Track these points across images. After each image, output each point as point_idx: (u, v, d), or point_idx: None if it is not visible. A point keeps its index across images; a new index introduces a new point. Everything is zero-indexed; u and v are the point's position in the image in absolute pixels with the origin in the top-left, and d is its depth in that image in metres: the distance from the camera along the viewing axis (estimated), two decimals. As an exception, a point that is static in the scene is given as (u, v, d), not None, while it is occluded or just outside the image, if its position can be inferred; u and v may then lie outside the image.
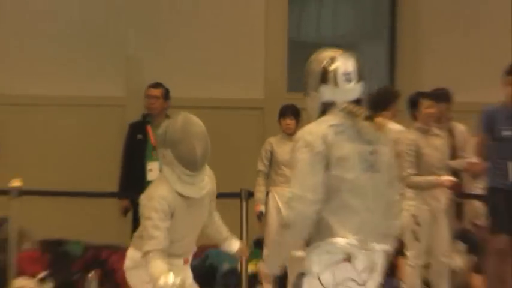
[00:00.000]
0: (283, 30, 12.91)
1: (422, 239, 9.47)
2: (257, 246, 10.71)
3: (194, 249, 6.38)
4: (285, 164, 10.01)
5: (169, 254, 5.98)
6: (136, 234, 6.21)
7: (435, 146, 9.71)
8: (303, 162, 5.22)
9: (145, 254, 5.92)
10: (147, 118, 10.66)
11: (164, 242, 5.94)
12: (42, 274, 10.66)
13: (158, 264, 5.87)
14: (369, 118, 5.34)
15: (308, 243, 5.38)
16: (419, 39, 13.19)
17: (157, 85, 10.81)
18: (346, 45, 13.54)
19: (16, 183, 10.34)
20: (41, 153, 11.97)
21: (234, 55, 12.65)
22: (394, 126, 9.79)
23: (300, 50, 12.08)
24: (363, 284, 5.29)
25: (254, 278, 10.00)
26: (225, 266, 11.13)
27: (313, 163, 5.20)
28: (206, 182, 6.19)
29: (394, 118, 10.14)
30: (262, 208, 10.20)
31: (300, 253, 5.63)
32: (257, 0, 12.86)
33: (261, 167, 9.84)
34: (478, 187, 10.47)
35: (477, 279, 10.43)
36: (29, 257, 11.02)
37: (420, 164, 9.53)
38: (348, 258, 5.23)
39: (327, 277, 5.25)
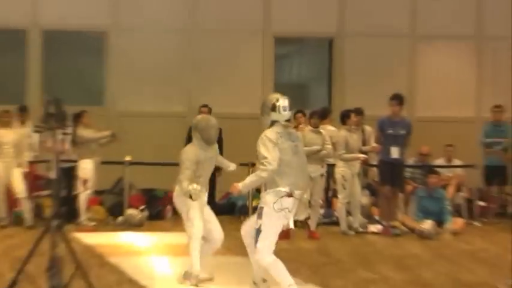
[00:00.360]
0: (271, 76, 13.03)
1: (347, 188, 9.75)
2: (257, 191, 9.25)
3: (207, 187, 6.40)
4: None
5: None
6: (178, 178, 6.31)
7: (354, 138, 9.91)
8: (271, 146, 5.57)
9: (180, 181, 6.14)
10: (199, 124, 10.81)
11: (191, 176, 6.10)
12: (142, 207, 10.69)
13: (188, 182, 6.08)
14: (295, 128, 5.87)
15: (264, 189, 5.71)
16: (345, 80, 13.12)
17: (205, 105, 10.95)
18: (304, 84, 13.72)
19: (128, 157, 10.64)
20: (141, 141, 12.03)
21: (243, 90, 12.75)
22: (331, 128, 10.48)
23: (280, 87, 11.94)
24: (291, 211, 5.66)
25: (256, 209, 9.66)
26: (240, 203, 11.17)
27: (274, 147, 5.59)
28: (214, 150, 6.40)
29: (331, 123, 10.69)
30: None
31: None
32: (256, 60, 12.92)
33: (259, 149, 9.28)
34: (376, 160, 10.55)
35: (375, 210, 10.56)
36: (135, 198, 11.10)
37: (347, 148, 9.75)
38: (287, 195, 5.60)
39: (276, 204, 5.58)
